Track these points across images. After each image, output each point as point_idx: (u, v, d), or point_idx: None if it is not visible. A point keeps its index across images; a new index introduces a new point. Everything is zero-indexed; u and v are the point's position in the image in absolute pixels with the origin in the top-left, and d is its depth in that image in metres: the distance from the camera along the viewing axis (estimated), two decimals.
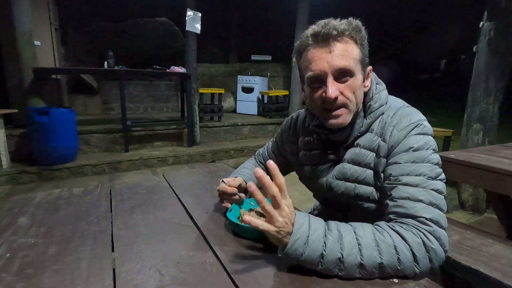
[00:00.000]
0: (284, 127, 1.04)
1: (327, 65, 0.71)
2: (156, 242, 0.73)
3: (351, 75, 0.72)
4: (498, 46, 2.37)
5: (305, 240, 0.58)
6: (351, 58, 0.71)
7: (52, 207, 0.94)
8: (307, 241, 0.58)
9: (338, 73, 0.72)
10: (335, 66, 0.71)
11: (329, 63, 0.71)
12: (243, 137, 5.28)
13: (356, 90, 0.74)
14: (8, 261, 0.64)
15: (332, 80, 0.72)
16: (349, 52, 0.71)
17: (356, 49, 0.72)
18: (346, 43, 0.71)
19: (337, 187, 0.83)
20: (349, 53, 0.71)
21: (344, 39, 0.71)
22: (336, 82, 0.72)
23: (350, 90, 0.73)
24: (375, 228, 0.64)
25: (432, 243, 0.60)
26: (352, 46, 0.72)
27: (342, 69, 0.71)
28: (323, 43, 0.71)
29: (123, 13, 5.82)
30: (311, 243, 0.58)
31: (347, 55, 0.71)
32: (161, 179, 1.22)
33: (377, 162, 0.76)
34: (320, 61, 0.71)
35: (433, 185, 0.67)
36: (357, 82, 0.73)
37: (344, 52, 0.71)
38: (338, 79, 0.72)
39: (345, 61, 0.71)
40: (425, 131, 0.73)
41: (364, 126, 0.80)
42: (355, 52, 0.72)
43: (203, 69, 6.85)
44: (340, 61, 0.70)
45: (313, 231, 0.60)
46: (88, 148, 3.95)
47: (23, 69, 3.46)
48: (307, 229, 0.60)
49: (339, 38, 0.71)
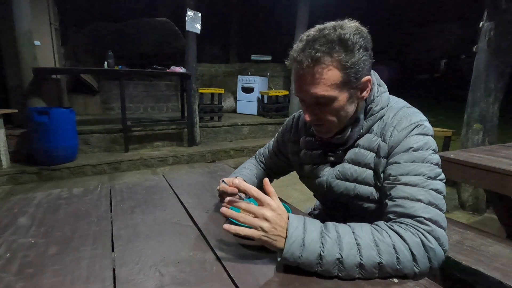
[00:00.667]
0: (286, 127, 1.05)
1: (303, 93, 0.73)
2: (156, 242, 0.73)
3: (329, 100, 0.72)
4: (498, 46, 2.37)
5: (301, 242, 0.58)
6: (327, 86, 0.70)
7: (52, 207, 0.94)
8: (303, 243, 0.58)
9: (314, 100, 0.73)
10: (309, 95, 0.72)
11: (305, 91, 0.73)
12: (243, 137, 5.28)
13: (339, 111, 0.74)
14: (8, 261, 0.64)
15: (308, 106, 0.76)
16: (326, 80, 0.69)
17: (336, 73, 0.69)
18: (324, 70, 0.69)
19: (337, 187, 0.84)
20: (325, 81, 0.69)
21: (321, 67, 0.69)
22: (314, 106, 0.75)
23: (330, 113, 0.75)
24: (373, 228, 0.64)
25: (431, 243, 0.60)
26: (332, 72, 0.69)
27: (317, 99, 0.72)
28: (301, 69, 0.71)
29: (123, 13, 5.82)
30: (307, 244, 0.58)
31: (323, 84, 0.70)
32: (161, 179, 1.22)
33: (377, 162, 0.76)
34: (298, 86, 0.74)
35: (432, 185, 0.67)
36: (338, 104, 0.73)
37: (320, 81, 0.69)
38: (316, 104, 0.74)
39: (320, 90, 0.70)
40: (425, 131, 0.73)
41: (364, 128, 0.80)
42: (335, 77, 0.69)
43: (203, 69, 6.86)
44: (314, 91, 0.71)
45: (309, 233, 0.60)
46: (88, 148, 3.95)
47: (23, 69, 3.46)
48: (302, 231, 0.60)
49: (316, 68, 0.69)
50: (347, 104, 0.74)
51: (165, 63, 4.94)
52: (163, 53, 5.92)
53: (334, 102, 0.72)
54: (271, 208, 0.61)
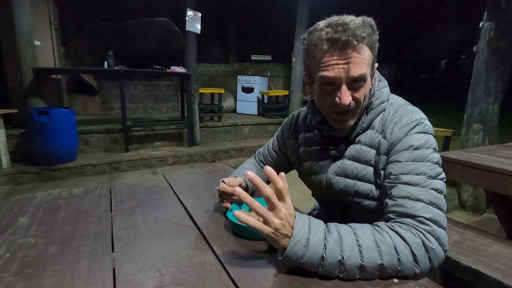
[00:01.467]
0: (285, 125, 1.05)
1: (344, 73, 0.70)
2: (156, 242, 0.73)
3: (364, 81, 0.72)
4: (498, 46, 2.37)
5: (305, 243, 0.58)
6: (365, 65, 0.70)
7: (52, 207, 0.94)
8: (307, 243, 0.58)
9: (352, 80, 0.71)
10: (351, 75, 0.69)
11: (346, 71, 0.69)
12: (243, 137, 5.28)
13: (366, 94, 0.75)
14: (8, 261, 0.64)
15: (346, 87, 0.71)
16: (365, 59, 0.70)
17: (369, 54, 0.71)
18: (362, 50, 0.69)
19: (337, 184, 0.83)
20: (364, 61, 0.70)
21: (361, 47, 0.69)
22: (348, 88, 0.72)
23: (361, 95, 0.73)
24: (374, 228, 0.63)
25: (431, 243, 0.60)
26: (367, 53, 0.70)
27: (357, 78, 0.70)
28: (341, 51, 0.68)
29: (123, 13, 5.82)
30: (311, 245, 0.58)
31: (363, 63, 0.70)
32: (161, 179, 1.22)
33: (378, 159, 0.76)
34: (336, 68, 0.70)
35: (433, 184, 0.67)
36: (367, 86, 0.74)
37: (361, 60, 0.69)
38: (350, 85, 0.72)
39: (361, 69, 0.69)
40: (426, 129, 0.73)
41: (366, 123, 0.80)
42: (369, 57, 0.71)
43: (203, 69, 6.86)
44: (356, 70, 0.69)
45: (313, 234, 0.59)
46: (88, 148, 3.95)
47: (23, 69, 3.46)
48: (307, 231, 0.59)
49: (359, 45, 0.68)
50: (369, 87, 0.75)
51: (165, 63, 4.93)
52: (163, 53, 5.91)
53: (366, 82, 0.72)
54: (285, 206, 0.59)
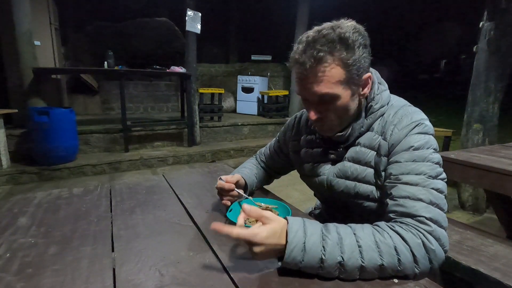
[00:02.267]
0: (288, 126, 1.05)
1: (307, 92, 0.73)
2: (156, 242, 0.73)
3: (332, 99, 0.72)
4: (498, 46, 2.37)
5: (302, 247, 0.57)
6: (331, 83, 0.70)
7: (52, 207, 0.94)
8: (304, 247, 0.58)
9: (317, 99, 0.73)
10: (313, 94, 0.72)
11: (308, 91, 0.73)
12: (243, 137, 5.28)
13: (342, 109, 0.75)
14: (8, 261, 0.64)
15: (312, 104, 0.75)
16: (330, 77, 0.70)
17: (339, 71, 0.70)
18: (326, 68, 0.69)
19: (337, 185, 0.84)
20: (329, 79, 0.70)
21: (323, 66, 0.69)
22: (318, 105, 0.75)
23: (333, 111, 0.75)
24: (374, 229, 0.63)
25: (431, 243, 0.60)
26: (335, 70, 0.69)
27: (321, 97, 0.72)
28: (304, 70, 0.71)
29: (123, 13, 5.82)
30: (308, 249, 0.58)
31: (327, 81, 0.70)
32: (161, 179, 1.22)
33: (378, 161, 0.76)
34: (301, 87, 0.74)
35: (433, 184, 0.67)
36: (341, 102, 0.73)
37: (324, 79, 0.70)
38: (320, 103, 0.74)
39: (323, 88, 0.70)
40: (426, 130, 0.73)
41: (365, 126, 0.80)
42: (338, 74, 0.70)
43: (203, 69, 6.86)
44: (318, 89, 0.71)
45: (309, 237, 0.59)
46: (88, 148, 3.95)
47: (23, 69, 3.46)
48: (302, 235, 0.59)
49: (319, 67, 0.69)
50: (350, 102, 0.75)
51: (165, 63, 4.93)
52: (163, 53, 5.91)
53: (337, 99, 0.73)
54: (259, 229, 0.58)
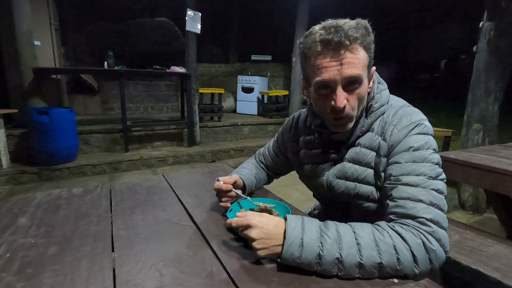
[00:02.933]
0: (286, 126, 1.05)
1: (338, 74, 0.69)
2: (156, 242, 0.73)
3: (359, 83, 0.71)
4: (498, 46, 2.37)
5: (299, 243, 0.59)
6: (360, 66, 0.70)
7: (52, 207, 0.94)
8: (302, 243, 0.59)
9: (347, 82, 0.71)
10: (345, 75, 0.69)
11: (340, 73, 0.69)
12: (243, 137, 5.28)
13: (363, 97, 0.74)
14: (8, 261, 0.64)
15: (341, 89, 0.71)
16: (359, 60, 0.69)
17: (364, 55, 0.70)
18: (356, 50, 0.69)
19: (337, 186, 0.84)
20: (359, 61, 0.69)
21: (354, 47, 0.69)
22: (344, 90, 0.71)
23: (357, 98, 0.73)
24: (374, 228, 0.63)
25: (432, 244, 0.60)
26: (362, 53, 0.70)
27: (352, 79, 0.70)
28: (334, 52, 0.68)
29: (123, 13, 5.82)
30: (306, 245, 0.59)
31: (357, 64, 0.69)
32: (161, 179, 1.22)
33: (378, 162, 0.76)
34: (330, 70, 0.69)
35: (433, 185, 0.67)
36: (363, 89, 0.73)
37: (355, 60, 0.69)
38: (346, 87, 0.71)
39: (355, 70, 0.69)
40: (426, 130, 0.73)
41: (365, 126, 0.80)
42: (364, 58, 0.70)
43: (203, 69, 6.85)
44: (351, 71, 0.69)
45: (307, 233, 0.60)
46: (88, 148, 3.95)
47: (23, 69, 3.46)
48: (300, 231, 0.60)
49: (352, 46, 0.68)
50: (366, 91, 0.75)
51: (165, 63, 4.93)
52: (163, 53, 5.91)
53: (362, 84, 0.72)
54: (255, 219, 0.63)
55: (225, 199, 0.89)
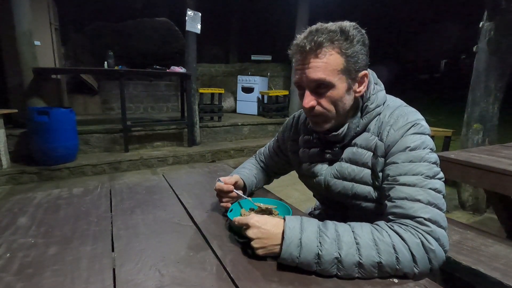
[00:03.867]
0: (286, 126, 1.05)
1: (304, 77, 0.74)
2: (156, 242, 0.73)
3: (328, 87, 0.73)
4: (498, 46, 2.37)
5: (298, 243, 0.59)
6: (328, 70, 0.71)
7: (52, 207, 0.94)
8: (300, 243, 0.59)
9: (314, 85, 0.74)
10: (309, 79, 0.73)
11: (305, 76, 0.73)
12: (243, 137, 5.28)
13: (337, 100, 0.75)
14: (8, 261, 0.64)
15: (308, 92, 0.75)
16: (328, 64, 0.71)
17: (338, 59, 0.71)
18: (323, 55, 0.71)
19: (335, 186, 0.84)
20: (327, 66, 0.71)
21: (323, 51, 0.71)
22: (313, 93, 0.75)
23: (328, 101, 0.75)
24: (373, 227, 0.64)
25: (431, 244, 0.60)
26: (334, 57, 0.71)
27: (317, 82, 0.72)
28: (302, 55, 0.73)
29: (123, 13, 5.82)
30: (304, 244, 0.59)
31: (325, 68, 0.71)
32: (161, 179, 1.22)
33: (375, 162, 0.77)
34: (299, 72, 0.75)
35: (431, 184, 0.67)
36: (337, 92, 0.74)
37: (320, 65, 0.71)
38: (315, 90, 0.74)
39: (321, 74, 0.71)
40: (422, 130, 0.73)
41: (360, 126, 0.80)
42: (336, 63, 0.71)
43: (203, 69, 6.85)
44: (315, 74, 0.71)
45: (305, 233, 0.61)
46: (88, 148, 3.95)
47: (23, 69, 3.46)
48: (298, 231, 0.61)
49: (318, 51, 0.71)
50: (345, 95, 0.75)
51: (165, 63, 4.93)
52: (163, 53, 5.91)
53: (333, 88, 0.73)
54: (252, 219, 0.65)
55: (225, 199, 0.89)
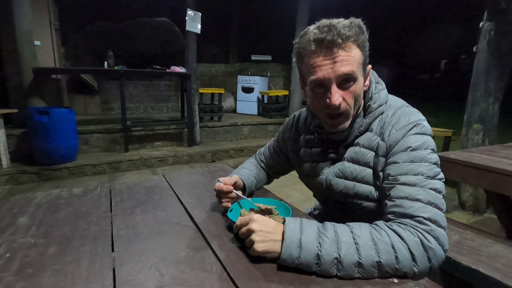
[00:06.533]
0: (286, 125, 1.05)
1: (332, 72, 0.70)
2: (156, 242, 0.73)
3: (354, 80, 0.72)
4: (498, 46, 2.37)
5: (298, 244, 0.60)
6: (354, 63, 0.71)
7: (52, 207, 0.94)
8: (300, 244, 0.60)
9: (341, 80, 0.72)
10: (339, 73, 0.70)
11: (334, 70, 0.70)
12: (243, 137, 5.28)
13: (358, 95, 0.75)
14: (8, 261, 0.64)
15: (336, 87, 0.72)
16: (353, 57, 0.70)
17: (358, 53, 0.72)
18: (349, 48, 0.70)
19: (336, 185, 0.84)
20: (352, 59, 0.70)
21: (347, 45, 0.70)
22: (339, 88, 0.72)
23: (352, 96, 0.74)
24: (372, 227, 0.64)
25: (430, 242, 0.60)
26: (355, 51, 0.71)
27: (346, 76, 0.71)
28: (327, 50, 0.70)
29: (123, 13, 5.82)
30: (304, 245, 0.59)
31: (351, 61, 0.70)
32: (161, 179, 1.22)
33: (376, 161, 0.77)
34: (324, 68, 0.71)
35: (431, 184, 0.67)
36: (359, 86, 0.74)
37: (348, 58, 0.70)
38: (341, 85, 0.72)
39: (349, 67, 0.70)
40: (424, 131, 0.73)
41: (364, 126, 0.80)
42: (358, 56, 0.71)
43: (203, 69, 6.86)
44: (345, 68, 0.70)
45: (305, 233, 0.61)
46: (88, 148, 3.95)
47: (23, 69, 3.46)
48: (298, 232, 0.61)
49: (344, 44, 0.69)
50: (362, 90, 0.76)
51: (165, 63, 4.93)
52: (163, 53, 5.91)
53: (356, 82, 0.73)
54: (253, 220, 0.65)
55: (225, 200, 0.89)
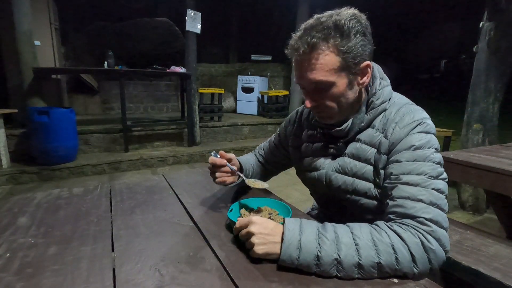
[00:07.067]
0: (289, 120, 1.05)
1: (302, 79, 0.74)
2: (156, 242, 0.73)
3: (328, 86, 0.73)
4: (498, 46, 2.37)
5: (297, 245, 0.59)
6: (325, 71, 0.71)
7: (52, 207, 0.94)
8: (300, 245, 0.59)
9: (313, 87, 0.74)
10: (308, 81, 0.73)
11: (304, 77, 0.73)
12: (243, 137, 5.28)
13: (338, 97, 0.75)
14: (8, 261, 0.64)
15: (308, 92, 0.76)
16: (324, 65, 0.70)
17: (334, 59, 0.70)
18: (320, 54, 0.70)
19: (336, 181, 0.83)
20: (323, 67, 0.70)
21: (318, 53, 0.70)
22: (314, 93, 0.75)
23: (330, 99, 0.75)
24: (372, 228, 0.63)
25: (431, 244, 0.60)
26: (329, 57, 0.70)
27: (316, 84, 0.72)
28: (300, 57, 0.72)
29: (123, 13, 5.82)
30: (303, 246, 0.59)
31: (321, 69, 0.70)
32: (161, 179, 1.22)
33: (378, 158, 0.76)
34: (297, 73, 0.75)
35: (434, 184, 0.66)
36: (338, 90, 0.73)
37: (318, 66, 0.70)
38: (315, 90, 0.75)
39: (318, 75, 0.71)
40: (428, 129, 0.73)
41: (365, 122, 0.80)
42: (332, 62, 0.70)
43: (203, 69, 6.85)
44: (312, 76, 0.71)
45: (304, 234, 0.60)
46: (88, 148, 3.95)
47: (23, 69, 3.46)
48: (298, 233, 0.61)
49: (313, 53, 0.70)
50: (347, 90, 0.75)
51: (165, 63, 4.93)
52: (163, 53, 5.91)
53: (333, 87, 0.73)
54: (252, 222, 0.64)
55: (219, 174, 0.89)
